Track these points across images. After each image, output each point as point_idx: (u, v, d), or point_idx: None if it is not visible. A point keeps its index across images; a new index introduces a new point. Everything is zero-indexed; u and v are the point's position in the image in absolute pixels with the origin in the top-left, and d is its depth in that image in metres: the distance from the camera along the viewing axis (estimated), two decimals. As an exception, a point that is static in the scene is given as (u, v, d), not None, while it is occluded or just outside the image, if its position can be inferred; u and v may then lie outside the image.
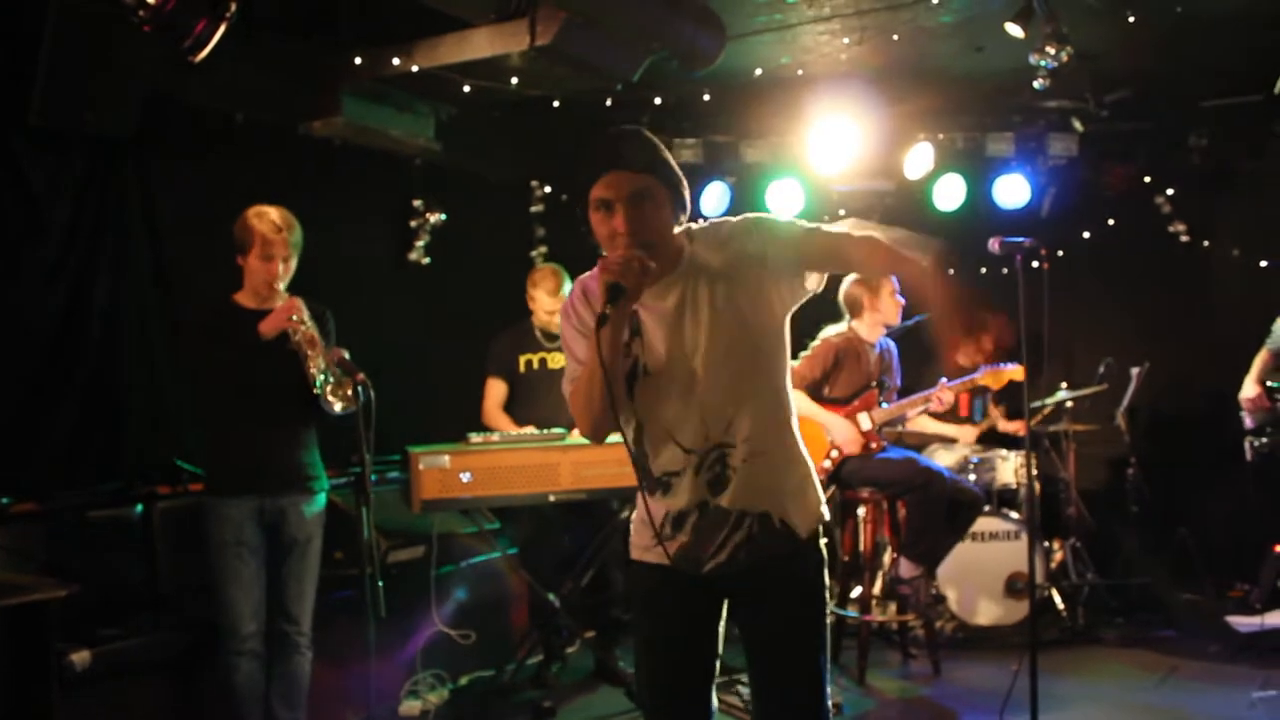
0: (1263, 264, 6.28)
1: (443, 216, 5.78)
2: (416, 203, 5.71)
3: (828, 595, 2.49)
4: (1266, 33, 4.96)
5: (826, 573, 2.47)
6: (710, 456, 2.34)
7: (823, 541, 2.46)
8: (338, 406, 3.54)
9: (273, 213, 3.77)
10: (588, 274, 2.44)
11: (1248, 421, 5.56)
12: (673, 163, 2.34)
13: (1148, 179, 6.44)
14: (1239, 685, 4.74)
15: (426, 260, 5.80)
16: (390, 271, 5.75)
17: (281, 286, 3.80)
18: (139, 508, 4.21)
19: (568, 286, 5.01)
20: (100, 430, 4.44)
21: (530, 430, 4.70)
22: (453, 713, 4.71)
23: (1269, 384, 5.41)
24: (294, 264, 3.84)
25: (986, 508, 5.44)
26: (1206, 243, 6.51)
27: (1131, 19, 4.52)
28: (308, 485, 3.93)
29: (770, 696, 2.43)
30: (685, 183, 2.36)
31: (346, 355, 3.49)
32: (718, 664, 2.50)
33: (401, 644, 4.67)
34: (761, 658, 2.43)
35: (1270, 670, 4.92)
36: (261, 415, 3.81)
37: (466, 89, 4.67)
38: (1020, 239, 3.78)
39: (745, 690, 4.33)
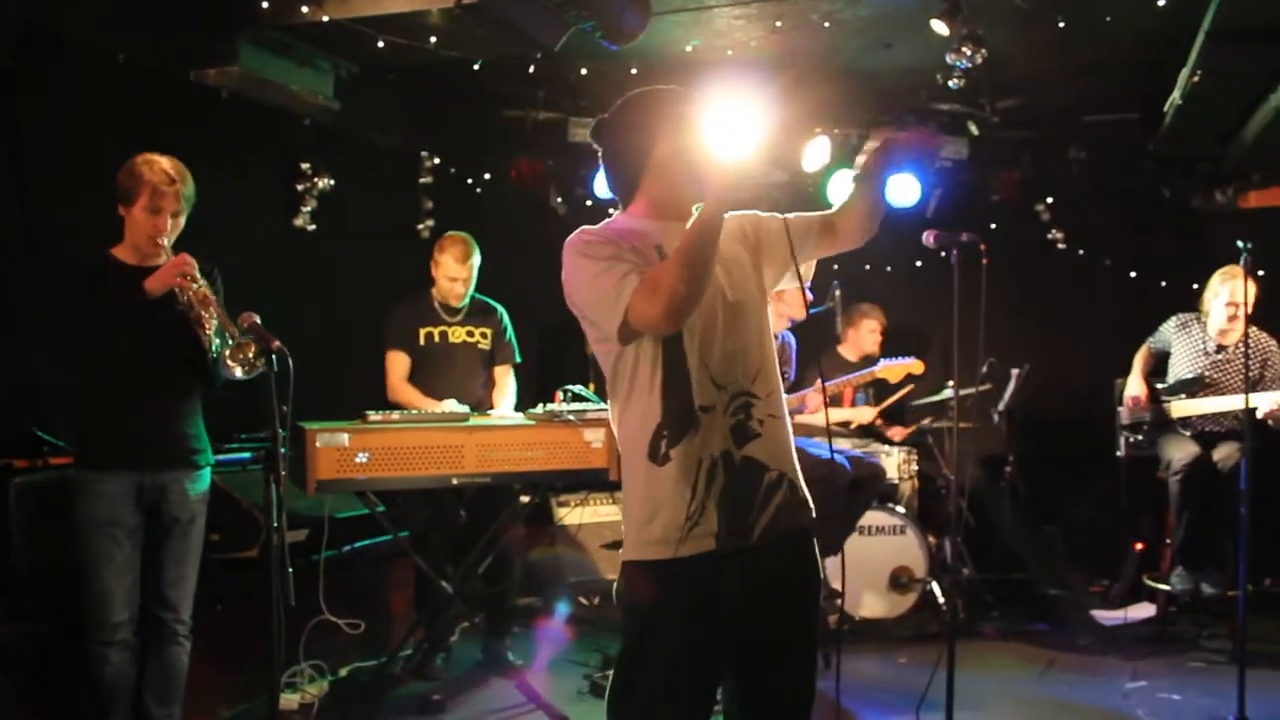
0: (1132, 274, 6.55)
1: (330, 181, 5.47)
2: (305, 166, 5.38)
3: None
4: (1153, 52, 5.14)
5: None
6: (737, 400, 2.27)
7: None
8: (238, 371, 3.24)
9: (164, 162, 3.48)
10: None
11: (1123, 417, 5.77)
12: None
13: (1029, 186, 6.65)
14: (1112, 677, 4.93)
15: (312, 227, 5.47)
16: (274, 236, 5.40)
17: (167, 244, 3.49)
18: (-8, 483, 3.80)
19: (476, 258, 4.79)
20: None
21: (451, 403, 4.48)
22: (334, 706, 4.44)
23: (1159, 386, 5.62)
24: (183, 220, 3.56)
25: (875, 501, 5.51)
26: (1081, 251, 6.76)
27: (1061, 24, 4.59)
28: (192, 459, 3.63)
29: (769, 694, 2.33)
30: None
31: (258, 320, 3.21)
32: None
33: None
34: (776, 643, 2.33)
35: (1138, 662, 5.13)
36: (145, 382, 3.50)
37: (380, 45, 4.39)
38: (958, 233, 3.75)
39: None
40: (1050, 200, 6.69)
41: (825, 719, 4.48)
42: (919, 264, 6.66)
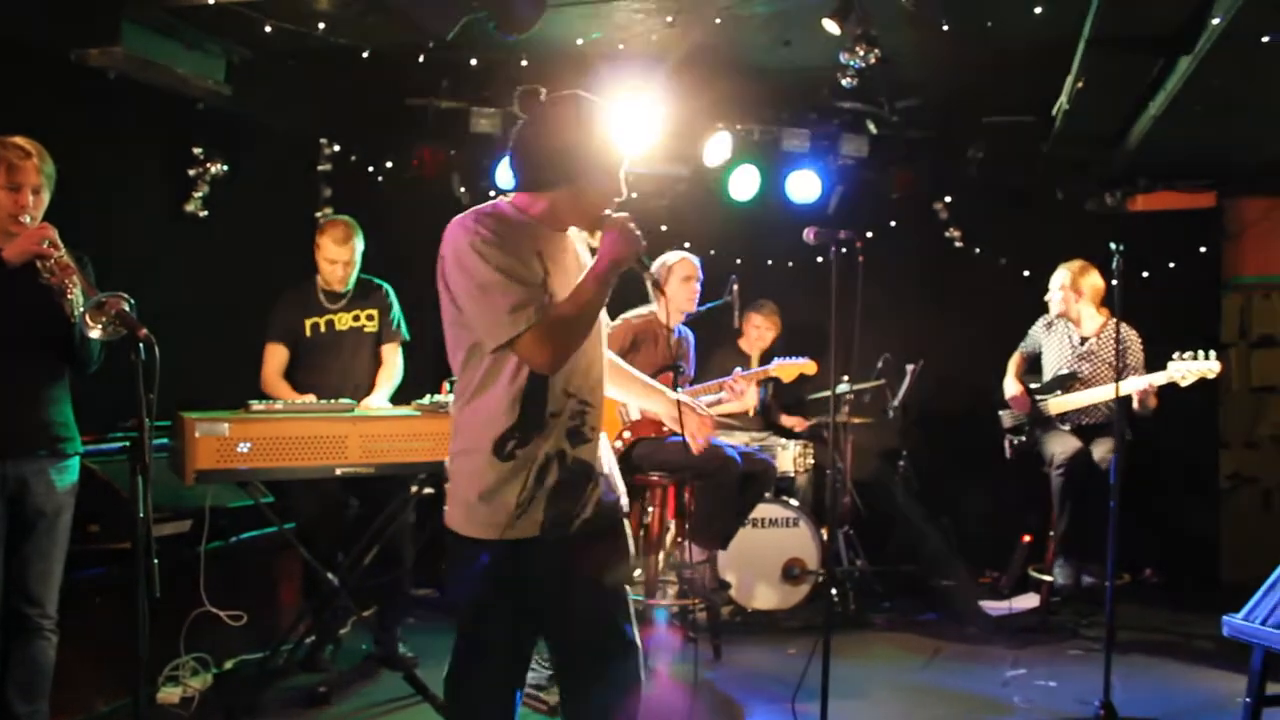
0: (1025, 273, 6.70)
1: (224, 167, 5.37)
2: (197, 150, 5.27)
3: None
4: (1047, 57, 5.27)
5: None
6: (577, 408, 2.49)
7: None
8: (95, 333, 3.14)
9: (17, 138, 3.41)
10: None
11: (1005, 420, 5.94)
12: None
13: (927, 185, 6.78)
14: (995, 665, 5.06)
15: (204, 213, 5.37)
16: (164, 223, 5.29)
17: (30, 222, 3.40)
18: None
19: (358, 241, 4.75)
20: None
21: (310, 399, 4.43)
22: (218, 699, 4.38)
23: (1031, 385, 5.79)
24: (46, 197, 3.46)
25: (767, 494, 5.56)
26: (978, 250, 6.91)
27: (945, 27, 4.68)
28: (58, 448, 3.51)
29: (594, 657, 2.64)
30: None
31: (126, 306, 3.14)
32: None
33: (161, 626, 4.29)
34: (588, 620, 2.58)
35: (1019, 651, 5.28)
36: (4, 364, 3.39)
37: (268, 29, 4.32)
38: (836, 230, 3.80)
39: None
40: (948, 199, 6.83)
41: (707, 706, 4.59)
42: (819, 260, 6.72)
